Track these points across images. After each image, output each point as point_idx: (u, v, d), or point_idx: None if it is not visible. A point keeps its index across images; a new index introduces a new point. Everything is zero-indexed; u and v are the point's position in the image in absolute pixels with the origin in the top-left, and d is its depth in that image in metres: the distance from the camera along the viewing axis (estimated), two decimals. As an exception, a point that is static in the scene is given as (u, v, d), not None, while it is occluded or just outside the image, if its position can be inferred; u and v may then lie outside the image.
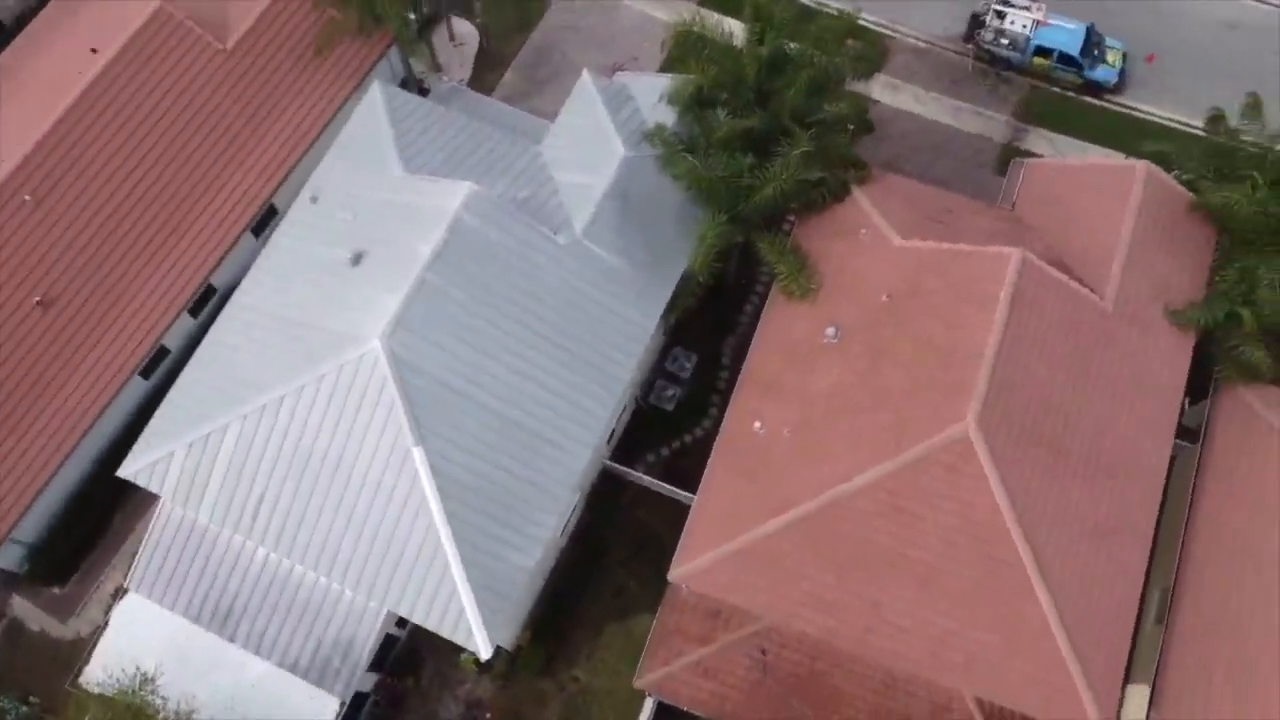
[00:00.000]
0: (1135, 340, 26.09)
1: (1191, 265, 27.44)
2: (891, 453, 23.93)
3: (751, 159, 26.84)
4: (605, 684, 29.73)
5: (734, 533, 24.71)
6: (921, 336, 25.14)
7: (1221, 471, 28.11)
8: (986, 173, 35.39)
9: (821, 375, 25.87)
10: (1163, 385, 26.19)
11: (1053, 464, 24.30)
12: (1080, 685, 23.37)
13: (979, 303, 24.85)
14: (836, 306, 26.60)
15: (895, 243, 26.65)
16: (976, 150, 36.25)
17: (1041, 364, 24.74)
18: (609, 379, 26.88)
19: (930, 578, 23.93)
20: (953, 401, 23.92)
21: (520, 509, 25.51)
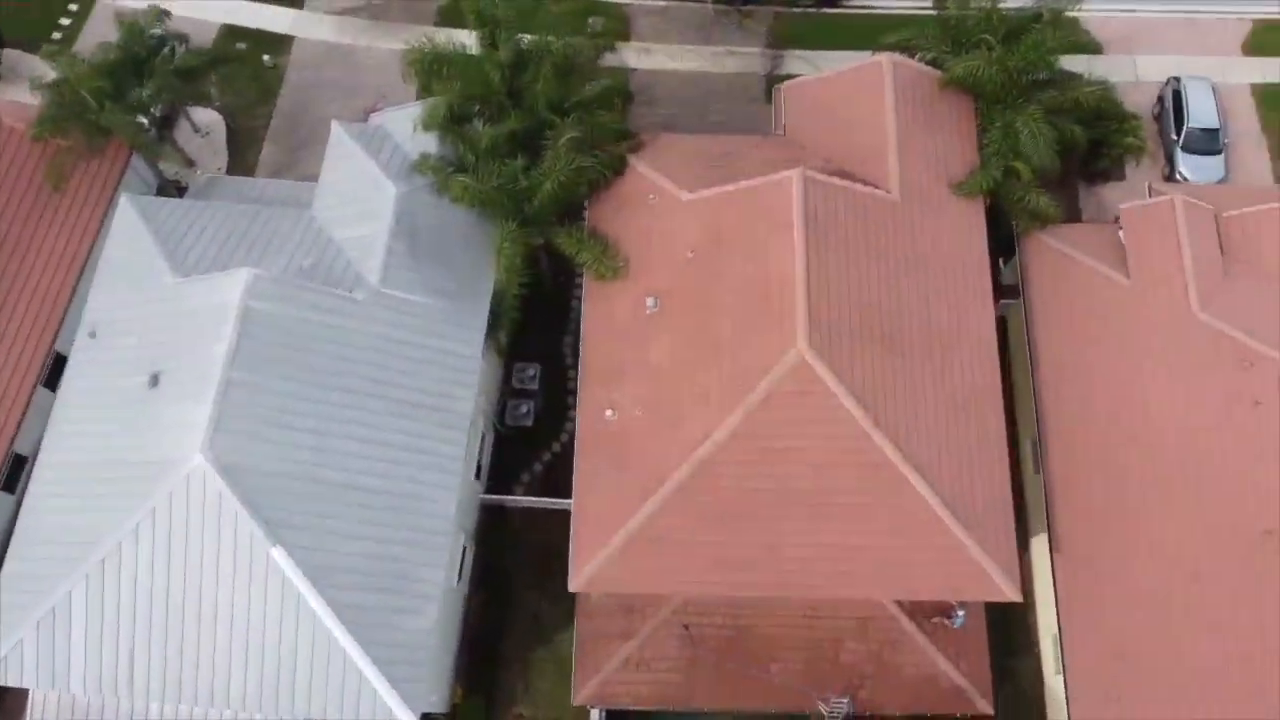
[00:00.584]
0: (931, 221, 26.94)
1: (960, 138, 28.50)
2: (740, 398, 24.11)
3: (523, 160, 26.63)
4: (550, 711, 29.19)
5: (618, 525, 24.46)
6: (735, 280, 25.37)
7: (1046, 313, 29.46)
8: (758, 106, 36.07)
9: (655, 346, 25.86)
10: (969, 254, 27.14)
11: (891, 357, 24.88)
12: (979, 556, 24.04)
13: (776, 231, 25.21)
14: (650, 276, 26.61)
15: (684, 199, 26.81)
16: (743, 89, 36.93)
17: (852, 268, 25.29)
18: (453, 416, 26.30)
19: (816, 504, 24.22)
20: (780, 331, 24.21)
21: (403, 572, 24.73)
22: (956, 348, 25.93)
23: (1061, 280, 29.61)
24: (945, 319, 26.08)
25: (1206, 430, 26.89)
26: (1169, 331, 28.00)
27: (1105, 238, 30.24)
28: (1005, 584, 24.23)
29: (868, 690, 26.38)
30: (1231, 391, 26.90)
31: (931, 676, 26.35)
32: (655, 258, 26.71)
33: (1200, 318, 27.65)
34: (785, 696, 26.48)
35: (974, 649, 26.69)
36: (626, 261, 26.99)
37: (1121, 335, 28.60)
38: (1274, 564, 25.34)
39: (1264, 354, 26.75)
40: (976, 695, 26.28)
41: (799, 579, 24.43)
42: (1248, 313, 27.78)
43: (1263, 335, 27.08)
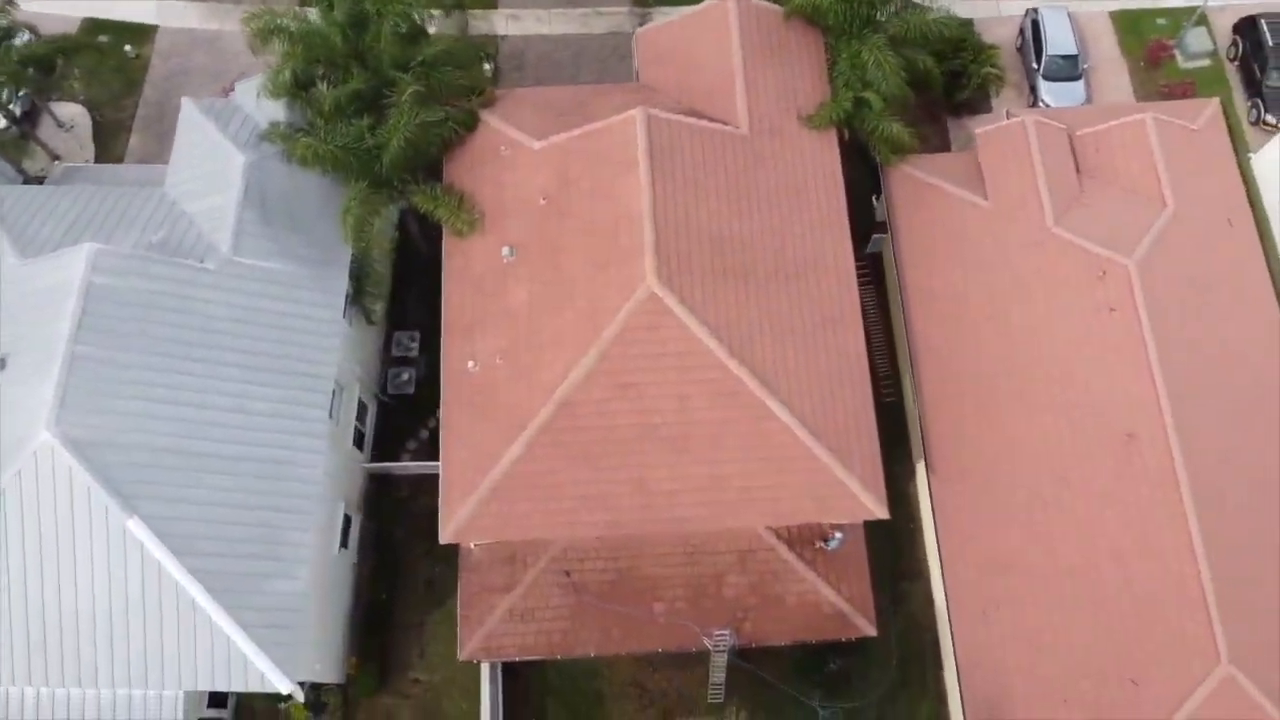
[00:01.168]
0: (781, 153, 27.14)
1: (809, 71, 28.73)
2: (595, 337, 24.14)
3: (369, 120, 26.46)
4: (446, 675, 29.07)
5: (484, 473, 24.43)
6: (585, 222, 25.39)
7: (911, 241, 29.80)
8: (628, 64, 36.02)
9: (512, 295, 25.81)
10: (823, 186, 27.33)
11: (745, 289, 25.04)
12: (843, 475, 24.27)
13: (623, 170, 25.27)
14: (505, 228, 26.55)
15: (535, 148, 26.79)
16: (613, 48, 36.99)
17: (702, 203, 25.41)
18: (316, 381, 26.12)
19: (678, 436, 24.30)
20: (630, 267, 24.29)
21: (272, 537, 24.54)
22: (813, 278, 26.12)
23: (925, 208, 29.97)
24: (801, 250, 26.27)
25: (1067, 341, 27.35)
26: (1027, 249, 28.45)
27: (966, 164, 30.64)
28: (870, 501, 24.47)
29: (751, 622, 26.51)
30: (1088, 301, 27.37)
31: (813, 603, 26.54)
32: (510, 208, 26.66)
33: (1055, 232, 28.11)
34: (671, 636, 26.53)
35: (854, 573, 26.89)
36: (482, 215, 26.92)
37: (983, 257, 29.00)
38: (1137, 464, 25.79)
39: (1116, 261, 27.25)
40: (858, 617, 26.49)
41: (667, 513, 24.48)
42: (1101, 224, 28.28)
43: (1114, 243, 27.58)
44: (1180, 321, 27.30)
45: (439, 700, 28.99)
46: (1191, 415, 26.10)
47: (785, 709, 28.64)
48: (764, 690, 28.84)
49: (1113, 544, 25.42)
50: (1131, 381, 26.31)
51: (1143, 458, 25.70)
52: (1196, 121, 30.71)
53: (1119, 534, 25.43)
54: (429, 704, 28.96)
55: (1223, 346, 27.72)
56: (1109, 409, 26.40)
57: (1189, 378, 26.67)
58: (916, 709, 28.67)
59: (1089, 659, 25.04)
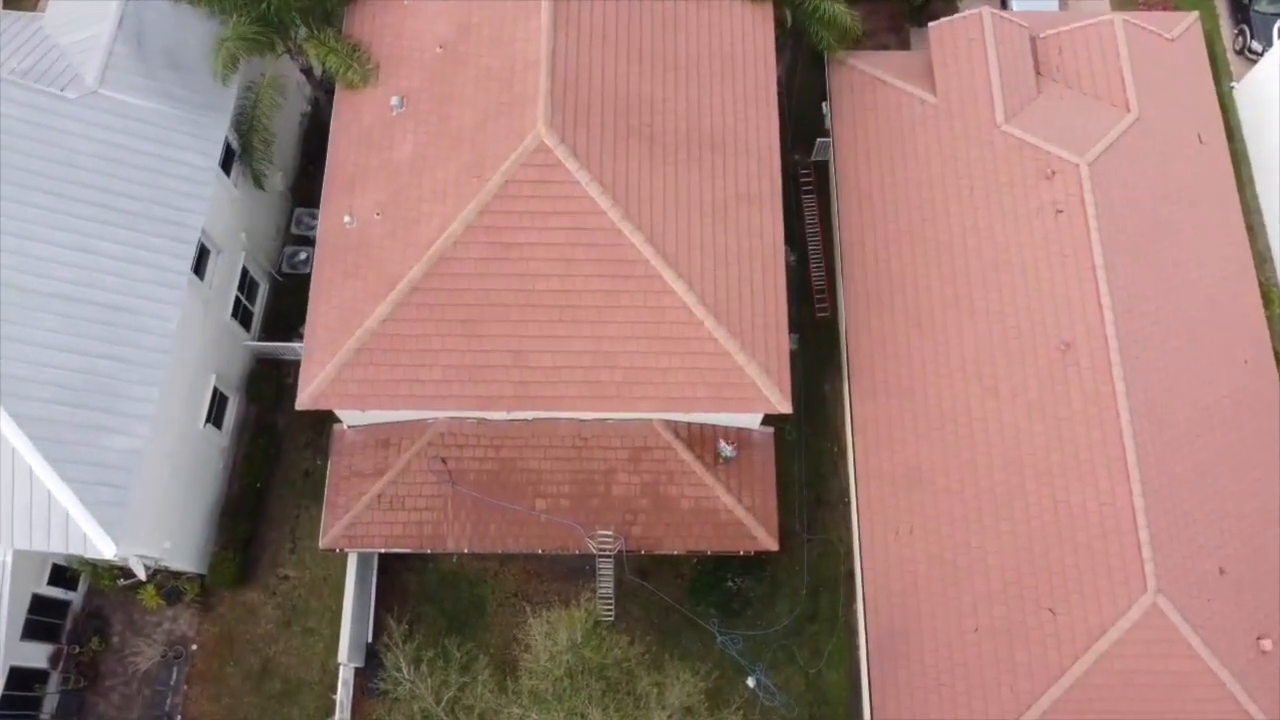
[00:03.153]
0: (707, 18, 24.84)
1: (749, -64, 26.47)
2: (478, 187, 21.89)
3: (261, -53, 24.29)
4: (317, 572, 26.83)
5: (348, 336, 22.19)
6: (480, 70, 23.13)
7: (852, 139, 27.56)
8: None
9: (398, 148, 23.54)
10: (751, 59, 24.99)
11: (651, 151, 22.74)
12: (743, 362, 21.96)
13: (525, 15, 23.01)
14: (398, 79, 24.27)
15: (435, -9, 24.63)
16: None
17: (610, 58, 23.12)
18: (181, 230, 23.84)
19: (563, 305, 22.02)
20: (521, 115, 22.01)
21: (111, 389, 22.22)
22: (730, 154, 23.78)
23: (867, 104, 27.68)
24: (718, 123, 23.93)
25: (1008, 244, 25.01)
26: (973, 146, 26.11)
27: (918, 62, 28.33)
28: (772, 392, 22.14)
29: (641, 526, 24.19)
30: (1034, 202, 25.02)
31: (710, 510, 24.18)
32: (405, 58, 24.38)
33: (1004, 130, 25.77)
34: (553, 536, 24.23)
35: (759, 482, 24.53)
36: (377, 66, 24.68)
37: (926, 154, 26.69)
38: (1072, 376, 23.42)
39: (1067, 160, 24.90)
40: (759, 529, 24.14)
41: (547, 390, 22.19)
42: (1055, 124, 25.94)
43: (1067, 143, 25.24)
44: (1133, 231, 24.96)
45: (307, 598, 26.71)
46: (1135, 329, 23.74)
47: (683, 634, 26.34)
48: (662, 614, 26.56)
49: (1040, 461, 23.04)
50: (1074, 288, 23.94)
51: (1079, 369, 23.32)
52: (1172, 32, 28.35)
53: (1048, 450, 23.04)
54: (296, 601, 26.68)
55: (1178, 264, 25.35)
56: (1047, 316, 24.02)
57: (1137, 290, 24.32)
58: (823, 642, 26.31)
59: (1006, 584, 22.65)
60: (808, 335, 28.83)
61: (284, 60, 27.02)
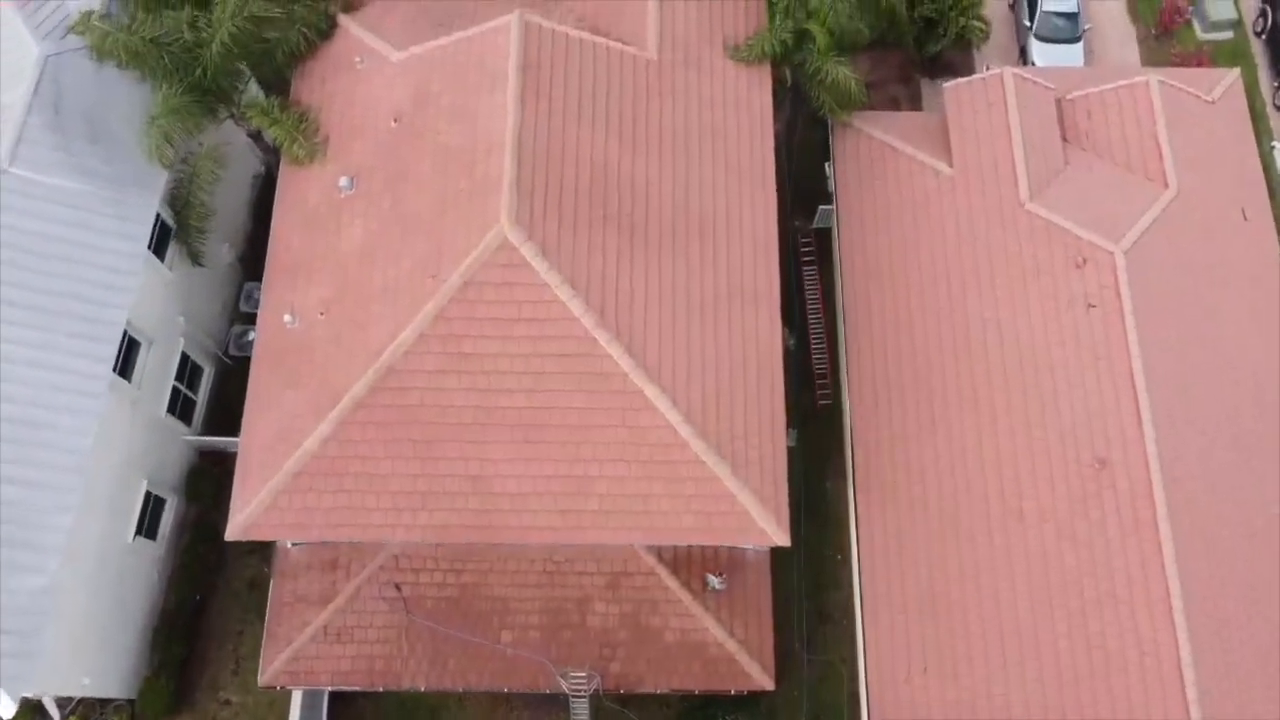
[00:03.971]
0: (696, 87, 22.08)
1: (746, -5, 23.74)
2: (434, 289, 19.15)
3: (190, 11, 21.47)
4: (263, 696, 23.97)
5: (286, 455, 19.46)
6: (439, 148, 20.37)
7: (858, 210, 24.93)
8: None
9: (347, 234, 20.80)
10: (746, 131, 22.28)
11: (631, 243, 20.00)
12: (734, 488, 19.21)
13: (489, 87, 20.26)
14: (349, 154, 21.53)
15: (394, 59, 21.77)
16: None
17: (586, 134, 20.37)
18: (100, 328, 21.08)
19: (531, 424, 19.27)
20: (483, 205, 19.26)
21: (20, 519, 19.53)
22: (722, 241, 21.05)
23: (875, 172, 24.93)
24: (709, 205, 21.20)
25: (1034, 340, 22.26)
26: (994, 226, 23.36)
27: (931, 125, 25.55)
28: (768, 522, 19.40)
29: (621, 662, 21.45)
30: (1063, 293, 22.28)
31: (699, 644, 21.46)
32: (357, 131, 21.63)
33: (1029, 209, 23.03)
34: (520, 673, 21.48)
35: (754, 610, 21.80)
36: (326, 138, 21.94)
37: (941, 232, 23.94)
38: (1108, 498, 20.72)
39: (1099, 247, 22.16)
40: (754, 666, 21.43)
41: (512, 520, 19.43)
42: (1086, 203, 23.20)
43: (1100, 227, 22.51)
44: (1172, 324, 22.24)
45: (250, 727, 24.05)
46: (1178, 441, 21.03)
47: (669, 769, 23.65)
48: (644, 744, 23.86)
49: (1072, 597, 20.30)
50: (1108, 395, 21.23)
51: (1115, 491, 20.61)
52: (1211, 93, 25.63)
53: (1080, 585, 20.30)
54: (237, 730, 24.01)
55: (1222, 359, 22.63)
56: (1079, 426, 21.30)
57: (1178, 394, 21.60)
58: (826, 781, 23.67)
59: (1033, 738, 19.99)
60: (808, 425, 26.11)
61: (227, 124, 24.28)
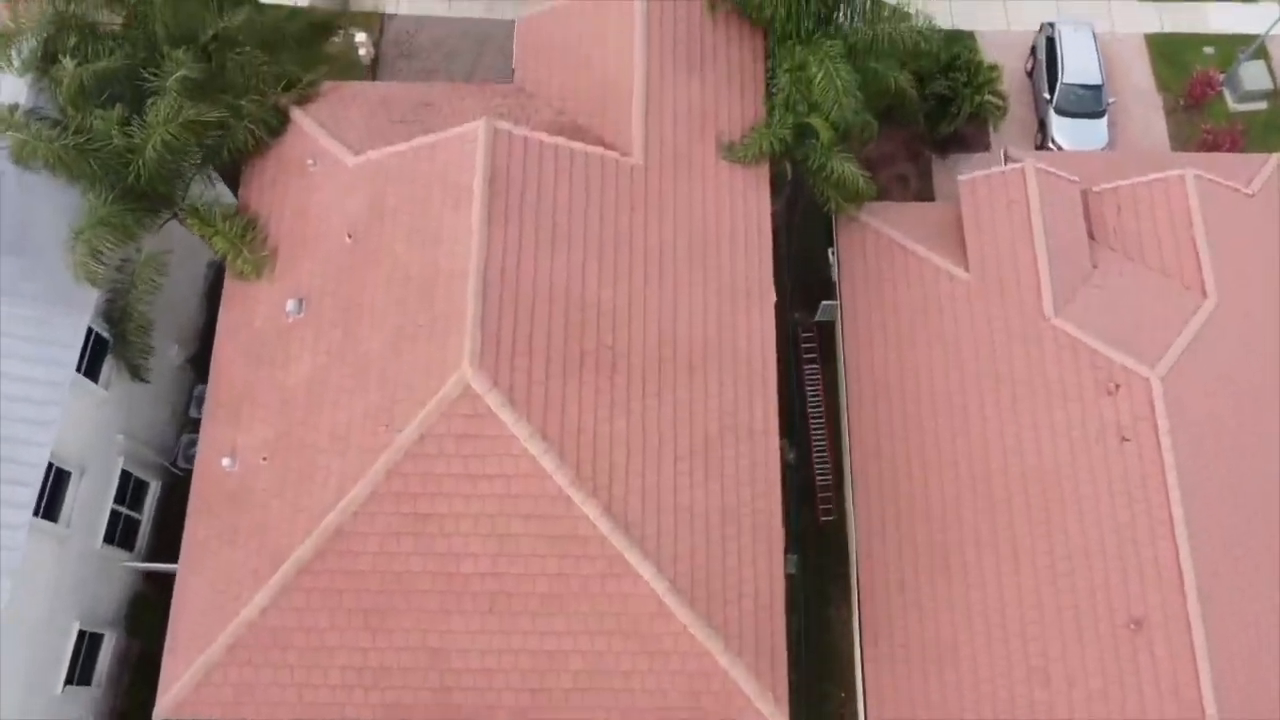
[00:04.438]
0: (687, 194, 19.85)
1: (740, 82, 21.40)
2: (387, 441, 16.95)
3: (122, 110, 19.24)
4: None
5: (222, 625, 17.28)
6: (396, 272, 18.16)
7: (865, 317, 22.73)
8: (541, 61, 28.96)
9: (294, 366, 18.60)
10: (741, 241, 20.06)
11: (611, 383, 17.80)
12: (727, 664, 17.06)
13: (452, 204, 18.04)
14: (298, 272, 19.34)
15: (349, 163, 19.56)
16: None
17: (561, 258, 18.17)
18: (17, 468, 18.78)
19: (496, 591, 17.10)
20: (443, 346, 17.05)
21: (-77, 689, 17.47)
22: (714, 371, 18.84)
23: (884, 271, 22.72)
24: (699, 331, 18.99)
25: (1060, 475, 20.03)
26: (1015, 341, 21.12)
27: (945, 219, 23.31)
28: (764, 703, 17.20)
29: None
30: (1093, 422, 20.07)
31: (687, 816, 19.31)
32: (308, 245, 19.43)
33: (1055, 324, 20.82)
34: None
35: (749, 774, 19.66)
36: (275, 250, 19.74)
37: (956, 344, 21.71)
38: (1144, 664, 18.53)
39: (1134, 372, 19.96)
40: (748, 842, 19.26)
41: (474, 698, 17.25)
42: (1117, 317, 20.98)
43: (1133, 346, 20.30)
44: (1213, 456, 20.03)
45: None
46: (1224, 598, 18.84)
47: None
48: None
49: (1104, 776, 18.21)
50: (1145, 545, 19.01)
51: (1153, 656, 18.43)
52: (1251, 184, 23.40)
53: (1114, 762, 18.22)
54: None
55: (1267, 494, 20.46)
56: (1112, 578, 19.09)
57: (1221, 540, 19.41)
58: None
59: None
60: (809, 543, 23.94)
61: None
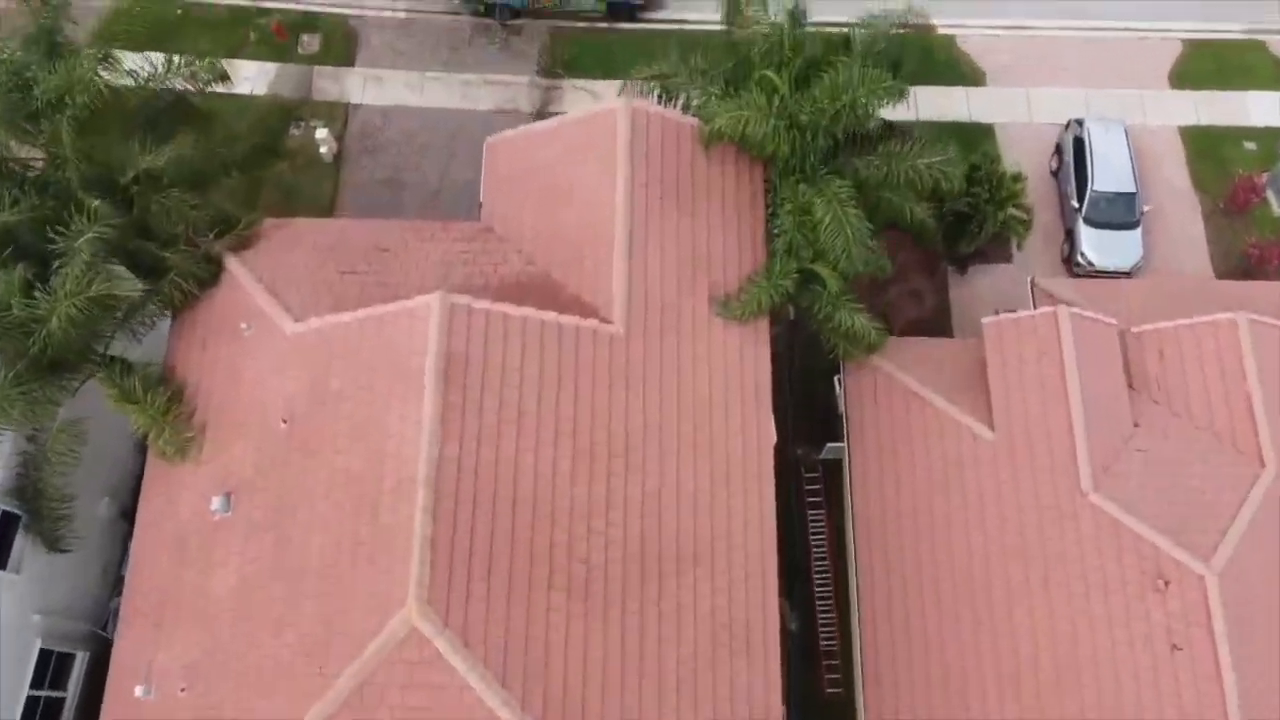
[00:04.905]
0: (675, 361, 17.34)
1: (736, 221, 18.93)
2: (324, 685, 14.46)
3: (24, 273, 16.73)
4: None
5: None
6: (336, 473, 15.66)
7: (873, 484, 20.23)
8: (519, 157, 26.46)
9: (220, 573, 16.11)
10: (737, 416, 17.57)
11: (585, 608, 15.29)
12: None
13: (401, 394, 15.55)
14: (228, 457, 16.84)
15: (288, 331, 17.07)
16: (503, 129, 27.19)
17: (525, 457, 15.65)
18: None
19: None
20: (387, 575, 14.55)
21: None
22: (705, 574, 16.39)
23: (897, 423, 20.27)
24: (689, 529, 16.55)
25: (1099, 678, 17.49)
26: (1047, 518, 18.60)
27: (963, 361, 20.79)
28: None
29: None
30: (1138, 622, 17.54)
31: None
32: (239, 427, 16.92)
33: (1093, 500, 18.32)
34: None
35: None
36: (201, 429, 17.27)
37: (979, 511, 19.24)
38: None
39: (1185, 567, 17.46)
40: None
41: None
42: (1162, 492, 18.46)
43: (1184, 533, 17.77)
44: (1271, 659, 17.57)
45: None
46: (1292, 837, 16.44)
47: None
48: None
49: None
50: (1203, 775, 16.62)
51: None
52: (1310, 323, 20.95)
53: None
54: None
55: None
56: (1163, 811, 16.71)
57: (1290, 767, 16.99)
58: None
59: None
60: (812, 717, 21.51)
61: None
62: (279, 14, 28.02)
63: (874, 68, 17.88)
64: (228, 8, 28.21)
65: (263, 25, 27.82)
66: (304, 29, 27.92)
